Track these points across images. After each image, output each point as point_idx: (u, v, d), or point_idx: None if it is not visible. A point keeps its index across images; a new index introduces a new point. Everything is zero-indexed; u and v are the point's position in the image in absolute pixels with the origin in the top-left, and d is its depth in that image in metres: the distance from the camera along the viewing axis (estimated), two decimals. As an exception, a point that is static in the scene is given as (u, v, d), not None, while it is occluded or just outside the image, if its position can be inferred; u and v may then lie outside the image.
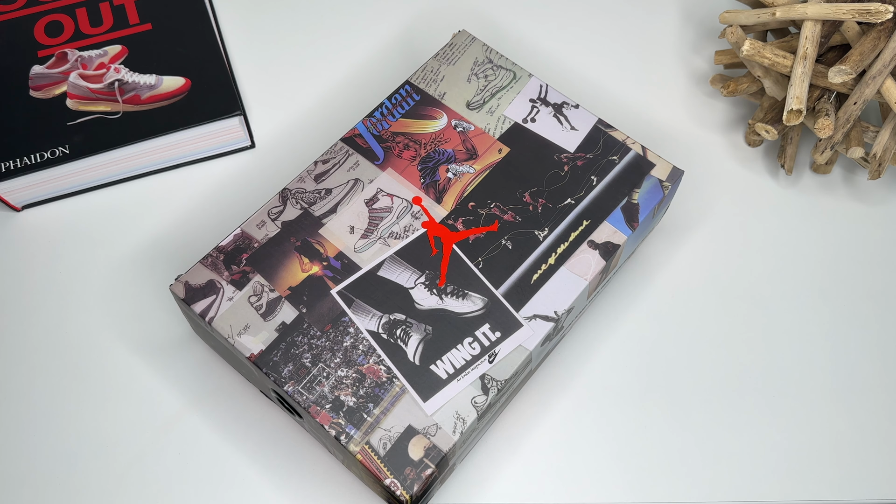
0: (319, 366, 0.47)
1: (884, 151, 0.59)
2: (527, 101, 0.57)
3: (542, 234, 0.52)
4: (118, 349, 0.56)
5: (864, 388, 0.56)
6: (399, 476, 0.45)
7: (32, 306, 0.57)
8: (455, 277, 0.50)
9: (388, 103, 0.57)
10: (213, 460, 0.52)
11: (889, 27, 0.55)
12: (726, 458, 0.53)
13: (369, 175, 0.54)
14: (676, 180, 0.54)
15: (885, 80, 0.55)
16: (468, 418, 0.46)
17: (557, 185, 0.54)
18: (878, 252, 0.61)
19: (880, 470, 0.53)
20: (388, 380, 0.47)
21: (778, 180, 0.64)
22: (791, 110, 0.56)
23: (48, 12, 0.65)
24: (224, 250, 0.51)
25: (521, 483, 0.52)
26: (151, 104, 0.61)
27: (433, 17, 0.70)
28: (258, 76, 0.67)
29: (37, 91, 0.61)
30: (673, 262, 0.60)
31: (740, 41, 0.58)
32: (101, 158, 0.59)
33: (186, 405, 0.54)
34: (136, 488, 0.51)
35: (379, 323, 0.49)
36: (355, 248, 0.51)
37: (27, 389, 0.54)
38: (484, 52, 0.59)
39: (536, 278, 0.51)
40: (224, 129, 0.61)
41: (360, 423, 0.46)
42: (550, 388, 0.55)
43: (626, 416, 0.54)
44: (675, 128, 0.66)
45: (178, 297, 0.50)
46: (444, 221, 0.52)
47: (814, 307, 0.59)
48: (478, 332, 0.49)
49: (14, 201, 0.60)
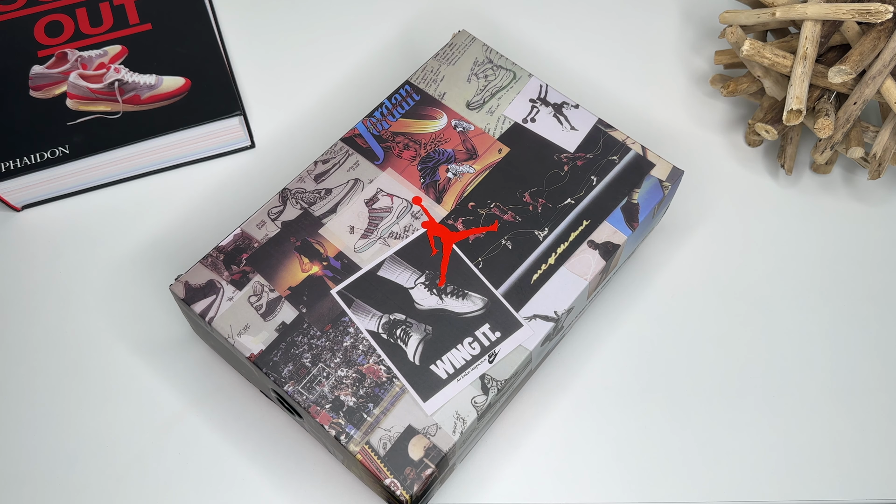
0: (319, 366, 0.47)
1: (884, 151, 0.59)
2: (527, 101, 0.57)
3: (541, 234, 0.52)
4: (118, 349, 0.56)
5: (864, 388, 0.56)
6: (399, 476, 0.45)
7: (32, 306, 0.57)
8: (455, 277, 0.50)
9: (388, 103, 0.57)
10: (213, 460, 0.52)
11: (889, 27, 0.55)
12: (726, 458, 0.53)
13: (369, 175, 0.54)
14: (676, 180, 0.54)
15: (885, 80, 0.55)
16: (468, 418, 0.46)
17: (557, 185, 0.54)
18: (878, 252, 0.61)
19: (880, 470, 0.53)
20: (387, 380, 0.47)
21: (778, 180, 0.64)
22: (791, 110, 0.56)
23: (48, 12, 0.65)
24: (224, 250, 0.51)
25: (520, 483, 0.52)
26: (151, 104, 0.61)
27: (433, 17, 0.70)
28: (258, 76, 0.67)
29: (37, 91, 0.61)
30: (673, 262, 0.60)
31: (740, 41, 0.58)
32: (101, 158, 0.59)
33: (186, 405, 0.54)
34: (136, 488, 0.51)
35: (379, 323, 0.49)
36: (355, 248, 0.51)
37: (27, 389, 0.54)
38: (484, 52, 0.59)
39: (536, 278, 0.51)
40: (224, 129, 0.61)
41: (360, 423, 0.46)
42: (550, 388, 0.55)
43: (626, 416, 0.54)
44: (675, 128, 0.66)
45: (178, 297, 0.50)
46: (443, 221, 0.52)
47: (814, 307, 0.59)
48: (478, 332, 0.49)
49: (14, 201, 0.60)
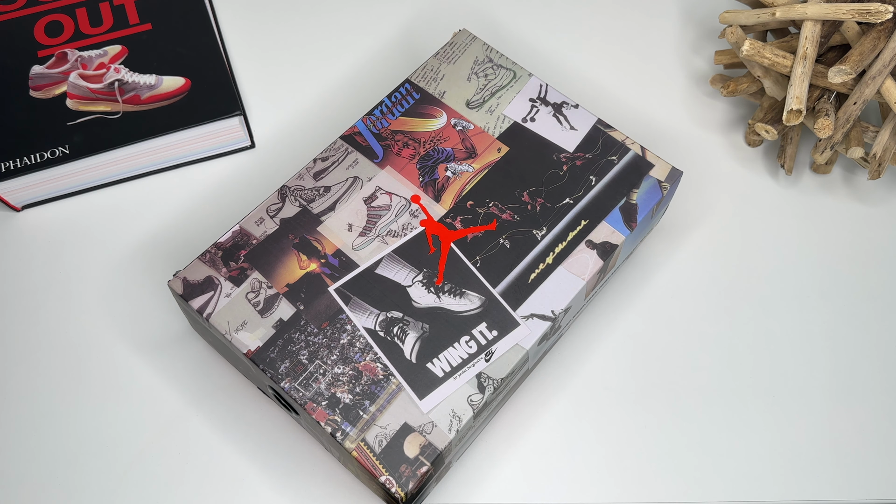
0: (316, 363, 0.47)
1: (884, 151, 0.58)
2: (526, 100, 0.57)
3: (540, 233, 0.52)
4: (118, 349, 0.56)
5: (864, 388, 0.56)
6: (394, 473, 0.45)
7: (32, 306, 0.57)
8: (453, 276, 0.50)
9: (388, 101, 0.57)
10: (213, 459, 0.52)
11: (889, 27, 0.55)
12: (725, 458, 0.53)
13: (368, 173, 0.54)
14: (675, 181, 0.54)
15: (885, 80, 0.55)
16: (464, 416, 0.46)
17: (556, 185, 0.54)
18: (878, 252, 0.61)
19: (880, 470, 0.53)
20: (384, 377, 0.47)
21: (778, 180, 0.64)
22: (791, 110, 0.56)
23: (48, 12, 0.65)
24: (222, 247, 0.51)
25: (517, 482, 0.52)
26: (151, 104, 0.61)
27: (433, 17, 0.71)
28: (258, 76, 0.67)
29: (37, 91, 0.61)
30: (672, 263, 0.60)
31: (740, 41, 0.58)
32: (101, 158, 0.60)
33: (186, 404, 0.54)
34: (136, 488, 0.51)
35: (376, 320, 0.49)
36: (353, 246, 0.51)
37: (27, 389, 0.54)
38: (484, 52, 0.59)
39: (534, 277, 0.51)
40: (224, 129, 0.61)
41: (356, 420, 0.46)
42: (548, 388, 0.55)
43: (624, 416, 0.54)
44: (674, 128, 0.66)
45: (175, 292, 0.50)
46: (442, 220, 0.52)
47: (814, 307, 0.58)
48: (475, 331, 0.49)
49: (14, 201, 0.60)
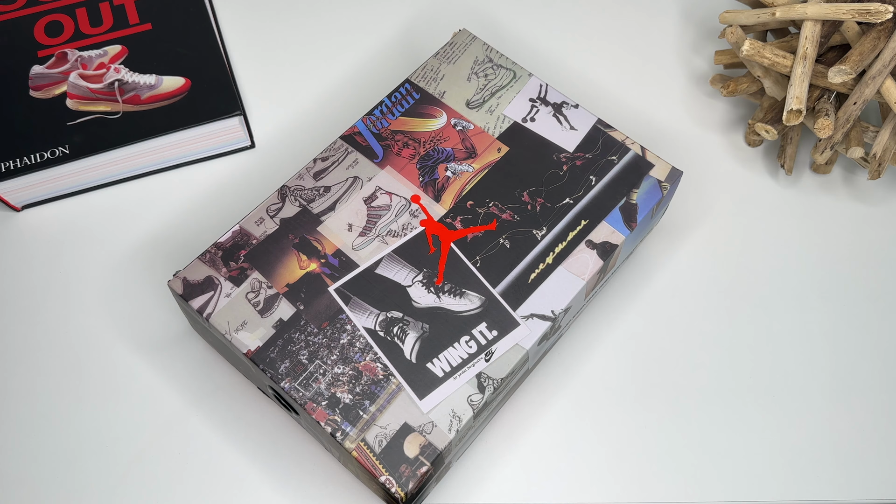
0: (316, 363, 0.47)
1: (884, 151, 0.58)
2: (526, 100, 0.57)
3: (540, 233, 0.52)
4: (118, 349, 0.56)
5: (864, 388, 0.56)
6: (394, 473, 0.45)
7: (32, 306, 0.57)
8: (453, 276, 0.50)
9: (388, 101, 0.57)
10: (212, 459, 0.52)
11: (889, 27, 0.55)
12: (724, 458, 0.53)
13: (368, 173, 0.54)
14: (675, 181, 0.54)
15: (885, 80, 0.55)
16: (464, 416, 0.46)
17: (556, 185, 0.54)
18: (878, 252, 0.61)
19: (880, 470, 0.53)
20: (384, 377, 0.47)
21: (778, 180, 0.64)
22: (791, 110, 0.56)
23: (48, 12, 0.65)
24: (222, 247, 0.51)
25: (517, 482, 0.52)
26: (151, 104, 0.61)
27: (433, 17, 0.71)
28: (258, 76, 0.67)
29: (37, 91, 0.61)
30: (672, 263, 0.60)
31: (740, 41, 0.58)
32: (101, 158, 0.60)
33: (186, 404, 0.54)
34: (136, 488, 0.51)
35: (376, 320, 0.49)
36: (353, 246, 0.51)
37: (27, 389, 0.54)
38: (484, 52, 0.59)
39: (534, 277, 0.51)
40: (224, 129, 0.61)
41: (356, 420, 0.46)
42: (548, 388, 0.55)
43: (624, 416, 0.54)
44: (674, 128, 0.66)
45: (175, 292, 0.50)
46: (442, 220, 0.52)
47: (814, 307, 0.58)
48: (475, 331, 0.49)
49: (14, 201, 0.60)
